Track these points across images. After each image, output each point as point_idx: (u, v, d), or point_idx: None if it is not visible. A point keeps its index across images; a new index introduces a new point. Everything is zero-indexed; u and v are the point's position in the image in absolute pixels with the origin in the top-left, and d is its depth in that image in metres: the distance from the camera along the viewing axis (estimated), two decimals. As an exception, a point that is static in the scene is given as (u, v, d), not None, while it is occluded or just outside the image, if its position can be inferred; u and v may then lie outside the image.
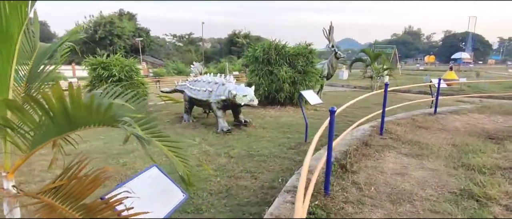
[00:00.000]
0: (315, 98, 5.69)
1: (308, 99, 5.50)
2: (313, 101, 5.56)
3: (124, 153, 5.71)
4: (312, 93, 5.87)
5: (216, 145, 6.14)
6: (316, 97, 5.75)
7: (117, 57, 9.57)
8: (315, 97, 5.76)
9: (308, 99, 5.50)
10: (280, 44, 10.47)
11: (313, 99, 5.58)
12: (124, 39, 42.16)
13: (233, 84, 7.40)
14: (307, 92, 5.84)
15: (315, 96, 5.79)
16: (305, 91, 5.91)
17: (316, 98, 5.75)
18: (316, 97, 5.77)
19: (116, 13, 45.05)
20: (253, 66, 10.84)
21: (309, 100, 5.49)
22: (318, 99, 5.76)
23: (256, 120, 8.54)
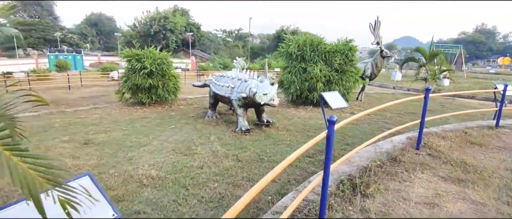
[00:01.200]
0: (338, 101, 4.95)
1: (329, 102, 4.79)
2: (335, 104, 4.84)
3: (136, 146, 5.64)
4: (336, 96, 5.13)
5: (229, 145, 5.77)
6: (339, 100, 5.01)
7: (150, 50, 9.74)
8: (339, 100, 5.01)
9: (328, 102, 4.80)
10: (316, 40, 9.70)
11: (335, 102, 4.86)
12: (176, 33, 44.19)
13: (256, 81, 6.95)
14: (330, 94, 5.12)
15: (338, 99, 5.05)
16: (328, 93, 5.18)
17: (340, 101, 5.00)
18: (340, 100, 5.02)
19: (171, 9, 47.39)
20: (286, 62, 10.24)
21: (330, 103, 4.78)
22: (342, 103, 5.01)
23: (282, 121, 7.99)
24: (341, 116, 8.77)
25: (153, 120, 8.06)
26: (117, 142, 5.91)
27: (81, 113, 8.78)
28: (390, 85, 21.99)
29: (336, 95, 5.13)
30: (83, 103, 10.88)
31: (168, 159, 5.00)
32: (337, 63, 9.48)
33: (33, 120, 7.74)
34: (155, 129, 7.08)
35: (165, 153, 5.29)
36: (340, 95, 5.22)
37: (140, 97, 9.60)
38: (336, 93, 5.21)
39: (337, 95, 5.16)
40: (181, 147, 5.60)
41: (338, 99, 5.01)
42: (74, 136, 6.31)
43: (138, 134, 6.58)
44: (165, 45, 43.85)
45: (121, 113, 8.94)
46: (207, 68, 29.52)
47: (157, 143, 5.89)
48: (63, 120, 7.81)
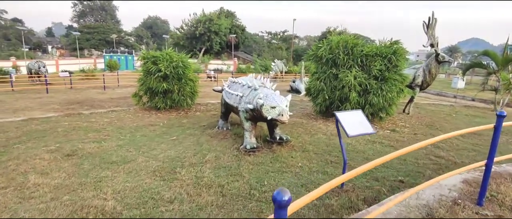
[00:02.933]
0: (359, 124, 3.57)
1: (344, 126, 3.44)
2: (353, 129, 3.47)
3: (118, 163, 4.89)
4: (357, 117, 3.75)
5: (222, 169, 4.71)
6: (361, 124, 3.62)
7: (167, 51, 9.15)
8: (360, 123, 3.63)
9: (344, 126, 3.44)
10: (351, 41, 8.17)
11: (353, 126, 3.49)
12: (220, 35, 44.57)
13: (267, 90, 5.80)
14: (348, 115, 3.74)
15: (360, 121, 3.67)
16: (345, 113, 3.81)
17: (362, 125, 3.62)
18: (362, 124, 3.64)
19: (216, 11, 48.07)
20: (315, 67, 8.86)
21: (347, 127, 3.43)
22: (365, 127, 3.61)
23: (302, 137, 6.70)
24: (364, 144, 7.20)
25: (160, 128, 7.36)
26: (102, 156, 5.24)
27: (93, 117, 8.48)
28: (450, 93, 18.98)
29: (357, 116, 3.75)
30: (106, 105, 10.76)
31: (141, 184, 4.12)
32: (377, 69, 7.84)
33: (40, 123, 7.57)
34: (154, 140, 6.33)
35: (143, 175, 4.43)
36: (363, 116, 3.81)
37: (155, 101, 9.06)
38: (358, 114, 3.82)
39: (360, 116, 3.77)
40: (166, 168, 4.70)
41: (360, 122, 3.64)
42: (64, 144, 5.82)
43: (131, 145, 5.87)
44: (209, 47, 44.56)
45: (133, 118, 8.45)
46: (246, 70, 28.87)
47: (143, 160, 5.08)
48: (70, 124, 7.50)
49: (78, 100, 11.58)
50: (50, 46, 70.69)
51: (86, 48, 58.01)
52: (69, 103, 10.95)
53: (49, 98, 11.97)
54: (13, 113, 8.96)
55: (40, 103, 10.80)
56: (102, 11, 74.64)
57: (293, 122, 8.27)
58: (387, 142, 6.61)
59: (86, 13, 73.93)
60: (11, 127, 7.10)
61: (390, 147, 6.21)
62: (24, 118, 8.10)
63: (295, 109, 10.56)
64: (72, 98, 12.08)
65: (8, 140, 6.07)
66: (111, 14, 75.90)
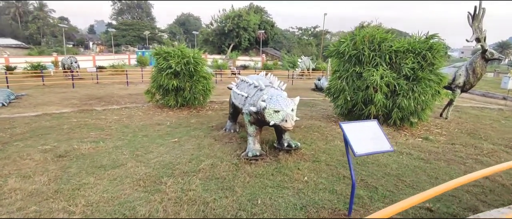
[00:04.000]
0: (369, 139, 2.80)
1: (351, 142, 2.69)
2: (363, 146, 2.71)
3: (107, 167, 4.53)
4: (371, 128, 2.96)
5: (214, 181, 4.15)
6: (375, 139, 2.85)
7: (180, 47, 8.75)
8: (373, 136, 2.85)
9: (350, 142, 2.70)
10: (379, 35, 7.18)
11: (363, 142, 2.72)
12: (249, 31, 44.09)
13: (274, 90, 5.13)
14: (357, 126, 2.97)
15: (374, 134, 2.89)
16: (353, 124, 3.02)
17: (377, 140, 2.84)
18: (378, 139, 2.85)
19: (246, 7, 47.65)
20: (336, 65, 7.98)
21: (354, 142, 2.68)
22: (380, 143, 2.83)
23: (315, 144, 5.95)
24: (387, 155, 6.25)
25: (165, 128, 6.98)
26: (94, 158, 4.92)
27: (104, 114, 8.35)
28: (499, 94, 16.85)
29: (371, 129, 2.96)
30: (123, 101, 10.69)
31: (120, 195, 3.69)
32: (408, 67, 6.80)
33: (51, 119, 7.53)
34: (154, 141, 5.94)
35: (127, 184, 4.00)
36: (379, 128, 3.01)
37: (166, 99, 8.74)
38: (371, 125, 3.02)
39: (374, 128, 2.98)
40: (153, 177, 4.24)
41: (374, 137, 2.86)
42: (62, 143, 5.61)
43: (128, 147, 5.52)
44: (237, 43, 44.34)
45: (142, 116, 8.19)
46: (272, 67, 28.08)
47: (134, 165, 4.67)
48: (78, 121, 7.39)
49: (98, 96, 11.69)
50: (91, 43, 75.12)
51: (122, 44, 60.65)
52: (89, 98, 11.05)
53: (72, 93, 12.22)
54: (33, 107, 9.13)
55: (62, 98, 11.01)
56: (138, 9, 77.66)
57: (310, 125, 7.50)
58: (417, 153, 5.63)
59: (124, 11, 77.28)
60: (22, 122, 7.12)
61: (420, 160, 5.25)
62: (39, 113, 8.16)
63: (316, 109, 9.74)
64: (94, 93, 12.24)
65: (12, 137, 6.01)
66: (147, 11, 78.71)
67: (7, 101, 9.56)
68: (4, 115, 7.86)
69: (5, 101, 9.40)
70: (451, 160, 5.32)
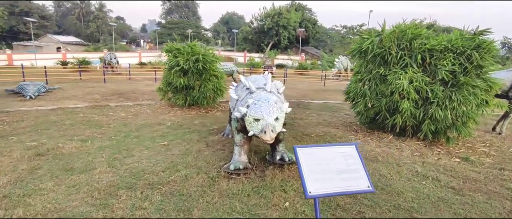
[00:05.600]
0: (337, 173, 1.93)
1: (305, 174, 1.84)
2: (321, 185, 1.84)
3: (77, 171, 4.19)
4: (343, 156, 2.07)
5: (177, 198, 3.55)
6: (348, 171, 1.96)
7: (190, 44, 8.34)
8: (345, 168, 1.97)
9: (303, 174, 1.85)
10: (411, 31, 5.95)
11: (324, 178, 1.86)
12: (289, 29, 43.01)
13: (265, 93, 4.37)
14: (321, 152, 2.07)
15: (347, 165, 2.01)
16: (314, 148, 2.11)
17: (349, 174, 1.96)
18: (352, 173, 1.97)
19: (288, 5, 46.58)
20: (359, 65, 6.88)
21: (308, 176, 1.83)
22: (356, 181, 1.94)
23: (318, 158, 5.03)
24: (406, 178, 5.06)
25: (163, 129, 6.60)
26: (71, 159, 4.64)
27: (114, 110, 8.28)
28: None
29: (343, 157, 2.08)
30: (142, 97, 10.67)
31: (65, 207, 3.28)
32: (446, 69, 5.50)
33: (61, 113, 7.61)
34: (143, 143, 5.55)
35: (82, 194, 3.59)
36: (357, 157, 2.12)
37: (176, 97, 8.42)
38: (346, 152, 2.14)
39: (349, 157, 2.10)
40: (113, 187, 3.78)
41: (346, 169, 1.98)
42: (51, 140, 5.48)
43: (112, 149, 5.18)
44: (277, 41, 43.54)
45: (149, 114, 7.94)
46: (308, 66, 26.75)
47: (104, 170, 4.27)
48: (84, 117, 7.36)
49: (122, 91, 11.87)
50: (142, 40, 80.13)
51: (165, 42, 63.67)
52: (112, 93, 11.25)
53: (100, 88, 12.62)
54: (55, 101, 9.45)
55: (88, 92, 11.36)
56: (185, 8, 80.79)
57: (323, 133, 6.56)
58: (447, 179, 4.43)
59: (172, 10, 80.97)
60: (32, 116, 7.28)
61: (449, 190, 4.08)
62: (54, 107, 8.36)
63: (338, 115, 8.67)
64: (119, 89, 12.49)
65: (12, 130, 6.08)
66: (193, 10, 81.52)
67: (36, 94, 10.05)
68: (24, 108, 8.17)
69: (33, 94, 9.89)
70: (493, 193, 4.06)
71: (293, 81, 19.74)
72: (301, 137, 6.26)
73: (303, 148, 2.07)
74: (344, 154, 2.11)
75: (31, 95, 9.74)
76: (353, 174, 2.00)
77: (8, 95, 10.25)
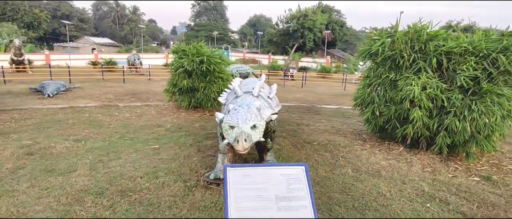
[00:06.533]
0: (271, 200, 1.57)
1: (229, 199, 1.51)
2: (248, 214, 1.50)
3: (51, 173, 4.13)
4: (287, 177, 1.70)
5: (142, 209, 3.32)
6: (286, 199, 1.60)
7: (196, 44, 8.19)
8: (282, 194, 1.61)
9: (228, 199, 1.52)
10: (425, 32, 5.32)
11: (253, 205, 1.52)
12: (315, 31, 42.08)
13: (251, 98, 4.05)
14: (259, 173, 1.71)
15: (286, 190, 1.63)
16: (251, 168, 1.76)
17: (288, 203, 1.59)
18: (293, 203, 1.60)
19: (314, 7, 45.67)
20: (368, 69, 6.32)
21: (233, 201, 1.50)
22: (297, 209, 1.58)
23: (314, 169, 4.61)
24: (409, 198, 4.46)
25: (161, 131, 6.48)
26: (57, 160, 4.62)
27: (120, 110, 8.34)
28: None
29: (291, 179, 1.71)
30: (153, 98, 10.74)
31: (28, 212, 3.19)
32: (466, 75, 4.82)
33: (69, 112, 7.77)
34: (134, 146, 5.43)
35: (50, 198, 3.48)
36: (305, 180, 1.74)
37: (180, 99, 8.32)
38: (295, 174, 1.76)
39: (297, 178, 1.72)
40: (83, 192, 3.64)
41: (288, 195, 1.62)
42: (46, 139, 5.54)
43: (102, 150, 5.11)
44: (302, 44, 42.79)
45: (153, 115, 7.90)
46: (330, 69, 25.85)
47: (82, 173, 4.17)
48: (89, 116, 7.47)
49: (136, 91, 12.06)
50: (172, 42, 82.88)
51: (190, 44, 65.09)
52: (126, 93, 11.46)
53: (117, 88, 12.93)
54: (70, 100, 9.75)
55: (104, 92, 11.66)
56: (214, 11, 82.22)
57: (327, 141, 6.08)
58: (459, 201, 3.82)
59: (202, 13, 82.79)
60: (41, 114, 7.50)
61: (457, 216, 3.49)
62: (65, 106, 8.59)
63: (349, 122, 8.09)
64: (134, 89, 12.72)
65: (17, 128, 6.25)
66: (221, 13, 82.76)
67: (54, 92, 10.45)
68: (37, 106, 8.48)
69: (52, 92, 10.28)
70: (514, 223, 3.41)
71: (312, 84, 19.13)
72: (301, 145, 5.84)
73: (236, 168, 1.73)
74: (289, 177, 1.74)
75: (49, 93, 10.13)
76: (295, 202, 1.63)
77: (31, 93, 10.75)
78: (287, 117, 8.27)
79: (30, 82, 13.06)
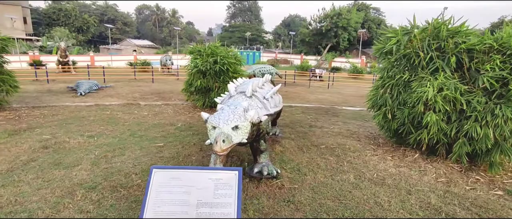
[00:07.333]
0: (191, 205, 1.48)
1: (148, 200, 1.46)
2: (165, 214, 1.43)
3: (63, 166, 4.40)
4: (216, 181, 1.58)
5: (126, 204, 3.39)
6: (209, 205, 1.50)
7: (211, 45, 8.27)
8: (206, 199, 1.51)
9: (147, 200, 1.47)
10: (444, 28, 4.81)
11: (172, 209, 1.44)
12: (349, 30, 40.57)
13: (241, 99, 3.98)
14: (185, 176, 1.62)
15: (212, 194, 1.53)
16: (180, 171, 1.66)
17: (210, 209, 1.49)
18: (216, 210, 1.50)
19: (349, 5, 44.10)
20: (382, 69, 5.89)
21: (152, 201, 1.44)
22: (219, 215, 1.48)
23: (313, 174, 4.41)
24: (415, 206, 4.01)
25: (171, 130, 6.63)
26: (67, 154, 4.91)
27: (140, 109, 8.69)
28: None
29: (220, 184, 1.60)
30: (174, 97, 11.06)
31: (25, 201, 3.40)
32: (490, 75, 4.28)
33: (93, 110, 8.26)
34: (141, 143, 5.60)
35: (47, 191, 3.70)
36: (235, 185, 1.62)
37: (196, 98, 8.47)
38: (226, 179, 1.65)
39: (227, 183, 1.61)
40: (76, 186, 3.82)
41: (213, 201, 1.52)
42: (64, 134, 5.92)
43: (111, 146, 5.34)
44: (335, 43, 41.51)
45: (169, 114, 8.13)
46: (362, 70, 24.70)
47: (85, 168, 4.38)
48: (109, 114, 7.88)
49: (161, 91, 12.53)
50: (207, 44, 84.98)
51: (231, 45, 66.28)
52: (151, 93, 11.95)
53: (145, 88, 13.53)
54: (98, 98, 10.39)
55: (132, 91, 12.27)
56: (248, 12, 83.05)
57: (335, 145, 5.79)
58: (471, 216, 3.38)
59: (237, 14, 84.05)
60: (68, 111, 8.07)
61: (463, 234, 3.09)
62: (92, 104, 9.16)
63: (366, 125, 7.64)
64: (160, 89, 13.22)
65: (44, 123, 6.78)
66: (256, 14, 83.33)
67: (86, 91, 11.22)
68: (67, 103, 9.15)
69: (84, 91, 11.05)
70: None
71: (341, 85, 18.43)
72: (307, 148, 5.61)
73: (165, 170, 1.66)
74: (218, 182, 1.63)
75: (81, 92, 10.89)
76: (218, 209, 1.51)
77: (67, 91, 11.65)
78: (301, 119, 8.03)
79: (70, 82, 14.14)
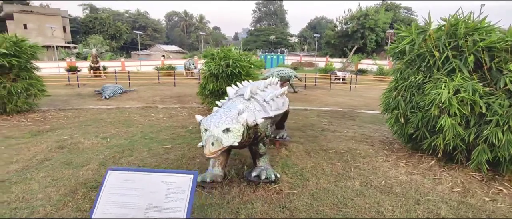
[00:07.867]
0: (142, 209, 1.43)
1: (99, 202, 1.44)
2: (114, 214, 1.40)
3: (72, 166, 4.61)
4: (171, 185, 1.53)
5: (122, 205, 3.46)
6: (157, 209, 1.45)
7: (224, 48, 8.31)
8: (157, 203, 1.46)
9: (97, 202, 1.45)
10: (462, 25, 4.45)
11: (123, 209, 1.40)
12: (377, 31, 39.21)
13: (238, 101, 3.95)
14: (139, 179, 1.58)
15: (164, 197, 1.47)
16: (136, 174, 1.62)
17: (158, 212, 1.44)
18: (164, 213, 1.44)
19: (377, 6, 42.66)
20: (396, 70, 5.57)
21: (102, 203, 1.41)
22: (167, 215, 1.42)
23: (316, 179, 4.25)
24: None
25: (181, 132, 6.73)
26: (79, 154, 5.14)
27: (156, 112, 8.93)
28: None
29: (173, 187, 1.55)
30: (192, 101, 11.26)
31: (28, 198, 3.58)
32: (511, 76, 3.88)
33: (114, 112, 8.62)
34: (150, 145, 5.73)
35: (52, 189, 3.88)
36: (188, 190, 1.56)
37: (209, 101, 8.54)
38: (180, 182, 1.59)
39: (180, 187, 1.56)
40: (85, 184, 3.96)
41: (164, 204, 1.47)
42: (80, 135, 6.20)
43: (121, 147, 5.52)
44: (362, 45, 40.29)
45: (183, 117, 8.28)
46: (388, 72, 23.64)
47: (90, 168, 4.55)
48: (128, 116, 8.17)
49: (181, 94, 12.82)
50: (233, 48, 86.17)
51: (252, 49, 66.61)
52: (170, 96, 12.27)
53: (167, 91, 13.93)
54: (120, 101, 10.84)
55: (153, 94, 12.68)
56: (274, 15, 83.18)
57: (345, 150, 5.55)
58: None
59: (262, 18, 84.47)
60: (89, 113, 8.48)
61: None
62: (113, 107, 9.57)
63: (384, 129, 7.26)
64: (180, 92, 13.54)
65: (66, 124, 7.17)
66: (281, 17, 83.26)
67: (111, 94, 11.76)
68: (91, 106, 9.63)
69: (108, 95, 11.59)
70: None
71: (365, 88, 17.80)
72: (316, 152, 5.43)
73: (120, 171, 1.65)
74: (171, 185, 1.58)
75: (105, 95, 11.43)
76: (167, 213, 1.46)
77: (94, 94, 12.29)
78: (314, 122, 7.82)
79: (99, 86, 14.92)
